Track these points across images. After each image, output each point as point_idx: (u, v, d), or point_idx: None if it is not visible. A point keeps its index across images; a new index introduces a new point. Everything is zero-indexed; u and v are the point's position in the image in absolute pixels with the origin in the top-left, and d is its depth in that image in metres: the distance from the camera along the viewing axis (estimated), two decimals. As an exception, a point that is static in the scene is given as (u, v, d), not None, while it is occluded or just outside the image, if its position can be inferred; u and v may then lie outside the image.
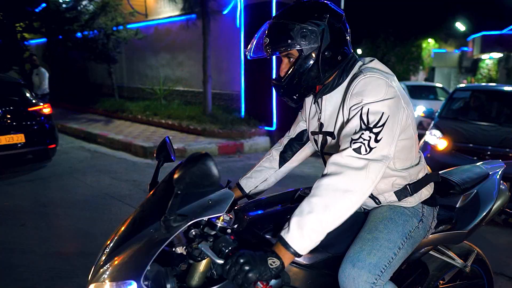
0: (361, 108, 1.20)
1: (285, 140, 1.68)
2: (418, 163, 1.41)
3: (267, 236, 1.28)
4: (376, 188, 1.38)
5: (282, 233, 1.10)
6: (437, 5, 20.16)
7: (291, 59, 1.30)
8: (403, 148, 1.34)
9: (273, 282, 1.20)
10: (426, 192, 1.44)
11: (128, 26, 11.00)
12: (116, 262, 1.07)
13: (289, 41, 1.25)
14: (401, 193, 1.39)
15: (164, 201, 1.07)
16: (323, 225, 1.08)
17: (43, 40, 14.99)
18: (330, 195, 1.10)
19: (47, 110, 5.72)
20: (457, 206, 1.65)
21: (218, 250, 1.09)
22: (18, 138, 5.20)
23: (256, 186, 1.64)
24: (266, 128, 7.47)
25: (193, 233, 1.16)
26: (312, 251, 1.27)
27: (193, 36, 9.53)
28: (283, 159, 1.66)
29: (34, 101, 5.69)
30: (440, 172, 1.84)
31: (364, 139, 1.16)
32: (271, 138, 7.25)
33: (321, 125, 1.42)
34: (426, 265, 1.69)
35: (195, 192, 1.08)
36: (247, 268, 1.01)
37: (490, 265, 1.91)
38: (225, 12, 7.24)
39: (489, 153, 3.73)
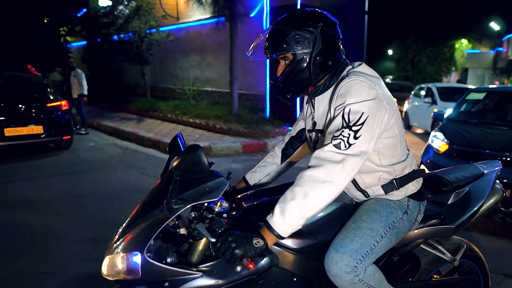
0: (344, 108, 1.32)
1: (286, 138, 1.83)
2: (404, 160, 1.51)
3: (259, 223, 1.43)
4: (364, 182, 1.50)
5: (268, 218, 1.25)
6: (471, 4, 19.43)
7: (287, 62, 1.45)
8: (388, 145, 1.44)
9: (264, 262, 1.36)
10: (413, 187, 1.53)
11: (161, 29, 11.47)
12: (127, 238, 1.27)
13: (284, 45, 1.40)
14: (388, 187, 1.49)
15: (167, 187, 1.26)
16: (303, 211, 1.22)
17: (83, 43, 15.88)
18: (310, 185, 1.24)
19: (63, 106, 6.65)
20: (448, 202, 1.73)
21: (212, 230, 1.26)
22: (38, 129, 6.19)
23: (260, 180, 1.80)
24: (290, 128, 7.58)
25: (193, 215, 1.33)
26: (301, 238, 1.42)
27: (221, 38, 9.81)
28: (284, 156, 1.81)
29: (52, 97, 6.62)
30: (436, 171, 1.92)
31: (343, 136, 1.28)
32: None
33: (314, 123, 1.55)
34: (419, 258, 1.77)
35: (192, 179, 1.25)
36: (234, 245, 1.18)
37: (486, 262, 1.95)
38: (252, 14, 7.43)
39: (488, 157, 3.60)
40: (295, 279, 1.40)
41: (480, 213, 1.77)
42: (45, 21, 17.35)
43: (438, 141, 4.13)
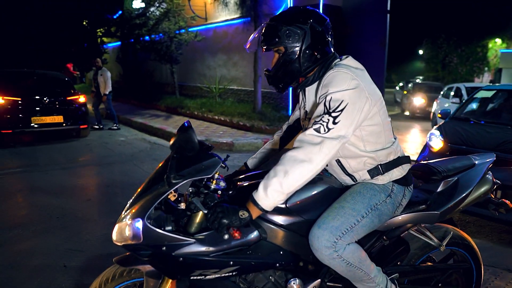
0: (326, 97, 1.46)
1: (284, 127, 1.99)
2: (389, 147, 1.61)
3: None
4: (350, 166, 1.62)
5: (253, 193, 1.41)
6: (506, 2, 18.51)
7: (280, 54, 1.59)
8: (372, 133, 1.56)
9: (253, 235, 1.52)
10: (398, 172, 1.63)
11: (190, 29, 11.84)
12: (133, 209, 1.47)
13: (277, 39, 1.54)
14: (374, 172, 1.61)
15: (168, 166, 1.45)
16: (283, 187, 1.37)
17: (118, 43, 16.62)
18: (290, 164, 1.38)
19: (81, 99, 7.75)
20: (437, 191, 1.81)
21: (205, 204, 1.44)
22: (59, 119, 7.34)
23: (259, 165, 1.96)
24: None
25: (190, 190, 1.52)
26: (289, 215, 1.57)
27: (247, 38, 9.97)
28: (283, 143, 1.96)
29: (71, 92, 7.76)
30: (430, 161, 2.00)
31: (323, 121, 1.42)
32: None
33: (306, 112, 1.69)
34: (408, 243, 1.85)
35: (190, 158, 1.44)
36: (221, 215, 1.35)
37: (479, 252, 2.00)
38: (276, 14, 7.63)
39: None
40: (281, 252, 1.54)
41: (468, 202, 1.83)
42: (84, 23, 18.33)
43: (435, 140, 4.10)
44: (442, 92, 10.76)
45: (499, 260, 2.92)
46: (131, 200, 1.53)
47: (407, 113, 14.25)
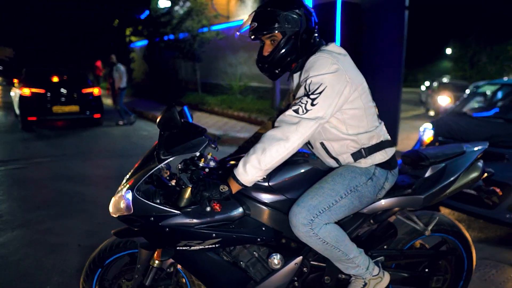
0: (306, 80, 1.52)
1: (278, 112, 2.07)
2: (371, 131, 1.65)
3: None
4: (334, 149, 1.67)
5: (234, 169, 1.51)
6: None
7: (274, 41, 1.61)
8: (353, 116, 1.61)
9: (237, 211, 1.61)
10: (380, 156, 1.67)
11: (212, 27, 12.05)
12: (128, 184, 1.60)
13: (277, 24, 1.57)
14: (357, 155, 1.65)
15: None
16: (261, 163, 1.46)
17: (145, 42, 17.11)
18: (268, 142, 1.47)
19: (96, 92, 8.90)
20: (424, 176, 1.83)
21: (191, 179, 1.55)
22: (75, 108, 8.59)
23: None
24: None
25: (179, 167, 1.63)
26: (272, 194, 1.65)
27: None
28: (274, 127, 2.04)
29: (87, 85, 8.98)
30: (421, 148, 2.03)
31: (302, 103, 1.49)
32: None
33: (293, 97, 1.76)
34: (396, 228, 1.89)
35: (179, 137, 1.55)
36: (202, 188, 1.45)
37: (471, 240, 2.00)
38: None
39: None
40: (263, 229, 1.63)
41: (456, 188, 1.84)
42: (115, 23, 19.01)
43: (426, 133, 4.09)
44: (467, 91, 10.42)
45: (503, 255, 2.87)
46: (127, 176, 1.67)
47: (431, 113, 13.86)
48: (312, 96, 1.49)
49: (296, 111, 1.49)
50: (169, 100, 12.73)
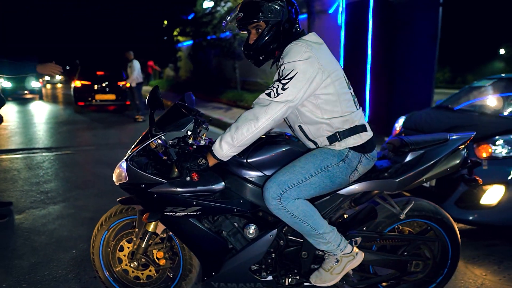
0: (280, 67, 1.67)
1: None
2: (345, 116, 1.75)
3: None
4: (310, 132, 1.80)
5: (212, 145, 1.71)
6: None
7: (259, 30, 1.76)
8: (327, 101, 1.72)
9: (218, 184, 1.80)
10: (354, 140, 1.77)
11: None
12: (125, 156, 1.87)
13: (260, 14, 1.72)
14: (332, 139, 1.77)
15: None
16: (234, 140, 1.63)
17: (190, 42, 17.87)
18: (241, 121, 1.64)
19: (127, 84, 10.09)
20: (403, 162, 1.90)
21: (178, 153, 1.77)
22: (112, 97, 11.32)
23: None
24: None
25: (170, 142, 1.87)
26: (251, 170, 1.81)
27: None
28: None
29: (123, 77, 11.12)
30: (404, 136, 2.09)
31: (274, 87, 1.64)
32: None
33: None
34: (376, 212, 1.98)
35: (171, 117, 1.76)
36: (183, 159, 1.67)
37: (456, 228, 2.03)
38: (330, 11, 7.63)
39: None
40: (241, 201, 1.79)
41: (434, 174, 1.89)
42: (164, 24, 20.05)
43: (397, 124, 4.07)
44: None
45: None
46: (129, 151, 1.93)
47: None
48: (283, 81, 1.64)
49: (268, 94, 1.65)
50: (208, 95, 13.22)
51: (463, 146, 1.94)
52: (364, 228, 1.98)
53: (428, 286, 2.10)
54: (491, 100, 3.97)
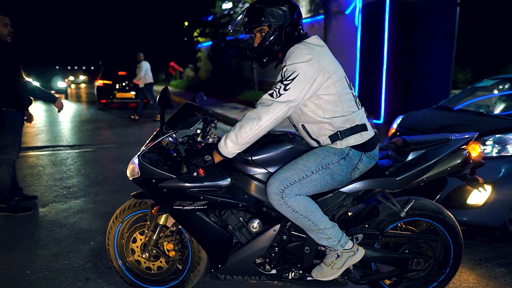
0: (283, 68, 1.76)
1: None
2: (346, 115, 1.81)
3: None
4: (313, 131, 1.87)
5: (218, 143, 1.81)
6: None
7: (263, 34, 1.85)
8: (328, 101, 1.79)
9: (224, 180, 1.90)
10: (354, 139, 1.83)
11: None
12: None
13: (263, 18, 1.82)
14: (334, 137, 1.83)
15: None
16: (238, 138, 1.72)
17: (210, 43, 18.12)
18: (245, 120, 1.73)
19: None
20: (404, 161, 1.95)
21: (186, 150, 1.88)
22: (131, 95, 12.01)
23: None
24: (374, 121, 7.52)
25: (180, 140, 1.98)
26: (256, 167, 1.90)
27: (320, 36, 10.17)
28: None
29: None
30: (407, 136, 2.13)
31: (276, 88, 1.72)
32: (378, 130, 7.31)
33: None
34: (379, 210, 2.01)
35: (181, 116, 1.87)
36: (190, 156, 1.78)
37: (458, 227, 2.05)
38: (347, 12, 7.62)
39: None
40: (246, 197, 1.88)
41: (434, 174, 1.92)
42: (185, 25, 20.41)
43: (394, 124, 4.04)
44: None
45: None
46: (143, 147, 2.06)
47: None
48: (285, 82, 1.72)
49: (271, 95, 1.74)
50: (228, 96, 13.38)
51: (465, 146, 1.97)
52: (366, 226, 2.03)
53: (430, 284, 2.13)
54: (489, 100, 3.93)
